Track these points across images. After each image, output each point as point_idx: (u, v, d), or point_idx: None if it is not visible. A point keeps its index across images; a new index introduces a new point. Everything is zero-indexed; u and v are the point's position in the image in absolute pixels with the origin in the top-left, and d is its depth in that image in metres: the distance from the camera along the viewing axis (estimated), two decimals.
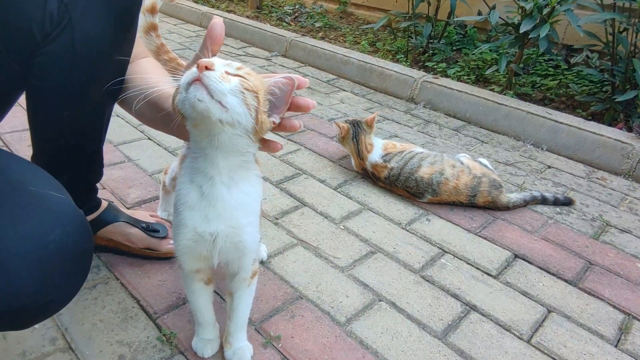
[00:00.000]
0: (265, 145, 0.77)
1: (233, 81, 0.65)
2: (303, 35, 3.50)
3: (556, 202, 1.70)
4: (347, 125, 1.73)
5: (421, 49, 3.18)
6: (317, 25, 3.89)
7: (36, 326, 0.99)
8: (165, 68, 0.98)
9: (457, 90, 2.52)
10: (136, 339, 0.99)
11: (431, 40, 3.14)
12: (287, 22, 3.96)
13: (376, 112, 1.83)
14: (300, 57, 3.25)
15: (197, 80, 0.63)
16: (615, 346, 1.11)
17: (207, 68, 0.63)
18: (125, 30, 0.84)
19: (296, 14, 4.21)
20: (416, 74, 2.71)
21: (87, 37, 0.76)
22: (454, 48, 3.31)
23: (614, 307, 1.24)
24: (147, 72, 0.91)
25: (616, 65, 2.31)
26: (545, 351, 1.07)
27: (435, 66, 2.93)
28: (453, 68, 2.87)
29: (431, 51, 3.11)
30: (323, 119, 2.31)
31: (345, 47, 3.30)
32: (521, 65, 2.61)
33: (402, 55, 3.13)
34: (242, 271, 0.86)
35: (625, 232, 1.60)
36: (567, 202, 1.72)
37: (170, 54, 1.01)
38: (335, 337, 1.05)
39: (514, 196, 1.64)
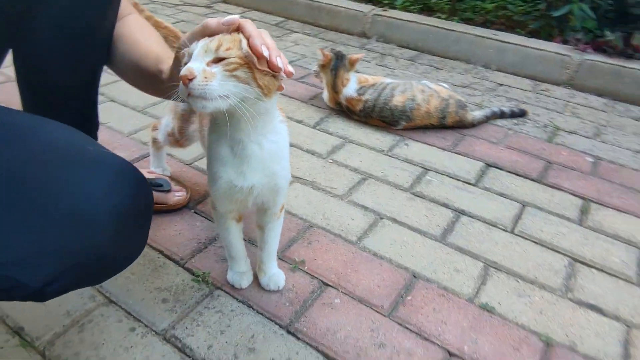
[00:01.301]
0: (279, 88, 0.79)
1: (217, 74, 0.66)
2: None
3: (512, 115, 1.88)
4: (331, 55, 1.77)
5: None
6: None
7: None
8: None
9: (407, 20, 2.59)
10: (172, 283, 1.04)
11: None
12: None
13: (362, 54, 1.86)
14: (244, 2, 3.15)
15: (189, 93, 0.66)
16: (580, 224, 1.32)
17: (189, 80, 0.65)
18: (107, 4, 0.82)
19: None
20: (365, 8, 2.73)
21: (74, 7, 0.75)
22: None
23: (574, 194, 1.44)
24: (134, 33, 0.90)
25: None
26: (527, 237, 1.26)
27: None
28: None
29: None
30: None
31: None
32: None
33: None
34: (273, 207, 0.92)
35: (573, 133, 1.81)
36: (521, 114, 1.90)
37: (145, 12, 1.02)
38: (352, 253, 1.16)
39: (477, 113, 1.79)
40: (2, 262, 0.55)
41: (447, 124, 1.74)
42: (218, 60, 0.67)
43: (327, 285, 1.07)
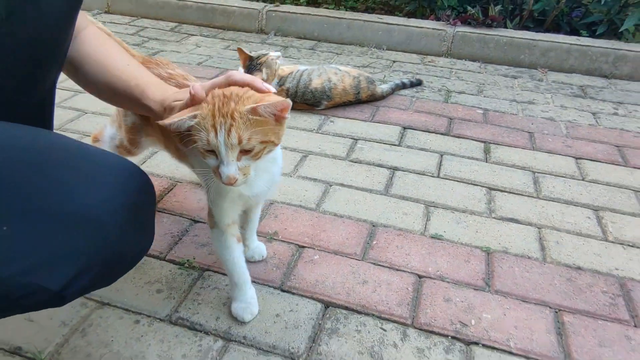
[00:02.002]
0: None
1: (251, 165, 0.75)
2: None
3: (412, 85, 2.15)
4: (247, 56, 1.84)
5: None
6: None
7: None
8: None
9: (300, 13, 2.76)
10: (160, 275, 1.08)
11: None
12: None
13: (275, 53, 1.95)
14: (129, 10, 3.05)
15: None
16: (486, 161, 1.61)
17: (231, 183, 0.73)
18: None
19: None
20: (258, 5, 2.85)
21: (53, 13, 0.70)
22: None
23: (476, 140, 1.74)
24: (101, 52, 0.87)
25: None
26: (451, 178, 1.50)
27: None
28: None
29: None
30: (191, 65, 2.33)
31: None
32: None
33: None
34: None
35: (462, 93, 2.14)
36: (418, 83, 2.18)
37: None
38: (316, 217, 1.29)
39: (384, 87, 2.03)
40: (22, 270, 0.55)
41: (362, 99, 1.95)
42: (243, 151, 0.73)
43: (303, 247, 1.19)
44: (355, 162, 1.57)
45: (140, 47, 2.53)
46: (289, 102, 0.72)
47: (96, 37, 0.90)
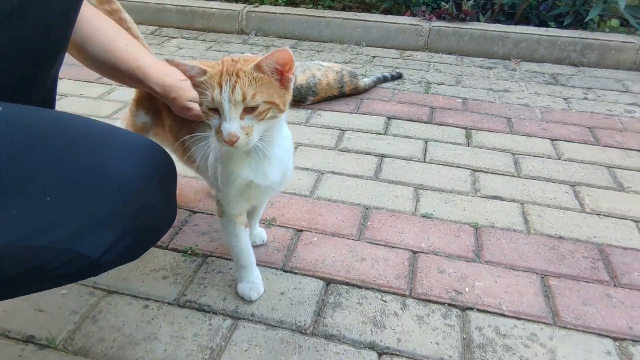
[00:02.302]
0: None
1: (254, 125, 0.74)
2: None
3: (393, 78, 2.22)
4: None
5: None
6: None
7: (64, 290, 1.01)
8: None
9: (279, 13, 2.81)
10: (165, 263, 1.11)
11: None
12: None
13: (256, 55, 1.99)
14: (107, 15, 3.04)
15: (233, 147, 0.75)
16: (468, 146, 1.68)
17: (233, 142, 0.73)
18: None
19: None
20: (238, 6, 2.88)
21: (62, 11, 0.73)
22: None
23: (457, 127, 1.82)
24: (101, 32, 0.90)
25: None
26: (436, 162, 1.57)
27: None
28: None
29: None
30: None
31: None
32: None
33: None
34: None
35: (441, 84, 2.22)
36: (399, 76, 2.26)
37: (114, 4, 1.02)
38: (311, 203, 1.34)
39: (367, 80, 2.09)
40: (62, 238, 0.58)
41: (346, 92, 2.01)
42: (247, 109, 0.73)
43: (301, 230, 1.23)
44: (344, 151, 1.62)
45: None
46: (290, 53, 0.71)
47: (94, 17, 0.92)
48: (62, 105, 1.84)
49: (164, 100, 0.97)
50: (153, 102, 1.08)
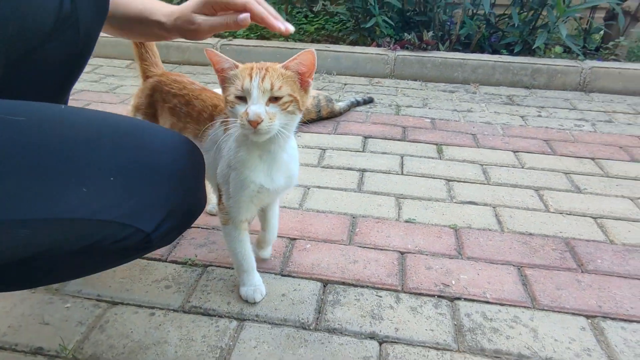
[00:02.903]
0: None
1: (277, 114, 0.81)
2: None
3: (365, 102, 2.37)
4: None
5: None
6: None
7: (68, 304, 1.03)
8: None
9: (253, 46, 2.94)
10: (166, 274, 1.14)
11: None
12: None
13: None
14: None
15: (254, 131, 0.80)
16: (440, 159, 1.81)
17: (257, 124, 0.79)
18: (104, 20, 0.87)
19: None
20: (212, 40, 3.00)
21: (87, 32, 0.81)
22: None
23: (429, 143, 1.95)
24: None
25: (354, 4, 3.11)
26: (413, 174, 1.69)
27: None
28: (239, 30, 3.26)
29: None
30: None
31: None
32: (287, 17, 3.20)
33: None
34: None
35: (409, 107, 2.38)
36: (370, 100, 2.40)
37: None
38: (301, 215, 1.41)
39: (341, 104, 2.22)
40: (123, 212, 0.65)
41: (323, 116, 2.12)
42: (273, 99, 0.81)
43: (295, 239, 1.29)
44: (327, 168, 1.72)
45: (99, 83, 2.57)
46: (314, 55, 0.81)
47: None
48: None
49: (171, 32, 0.93)
50: (151, 107, 1.14)
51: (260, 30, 3.32)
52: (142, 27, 0.96)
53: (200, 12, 0.87)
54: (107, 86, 2.54)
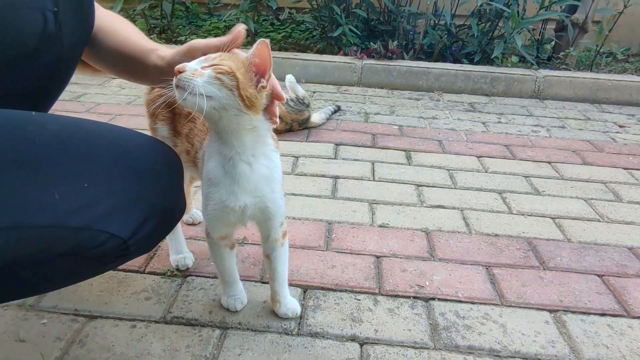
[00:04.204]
0: (270, 111, 0.82)
1: (206, 73, 0.72)
2: None
3: (335, 112, 2.42)
4: None
5: (160, 28, 3.40)
6: None
7: (44, 320, 1.00)
8: None
9: None
10: (145, 285, 1.13)
11: (163, 19, 3.38)
12: None
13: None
14: None
15: (176, 85, 0.72)
16: (409, 165, 1.88)
17: (179, 71, 0.71)
18: (90, 33, 0.87)
19: None
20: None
21: (71, 49, 0.80)
22: (187, 22, 3.65)
23: (397, 149, 2.02)
24: (111, 24, 0.92)
25: (321, 13, 3.17)
26: (384, 180, 1.74)
27: (187, 39, 3.24)
28: (203, 38, 3.25)
29: (175, 28, 3.38)
30: (121, 104, 2.37)
31: None
32: (255, 25, 3.22)
33: (152, 35, 3.29)
34: (272, 232, 0.98)
35: (378, 114, 2.45)
36: (338, 109, 2.45)
37: None
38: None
39: (315, 115, 2.26)
40: (95, 217, 0.64)
41: (293, 129, 2.15)
42: (212, 66, 0.74)
43: None
44: (301, 175, 1.75)
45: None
46: (267, 46, 0.75)
47: (102, 12, 0.94)
48: None
49: (166, 73, 0.90)
50: (170, 111, 1.06)
51: None
52: (132, 67, 0.91)
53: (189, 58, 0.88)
54: (71, 94, 2.47)
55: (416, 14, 3.12)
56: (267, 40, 0.75)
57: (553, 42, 3.35)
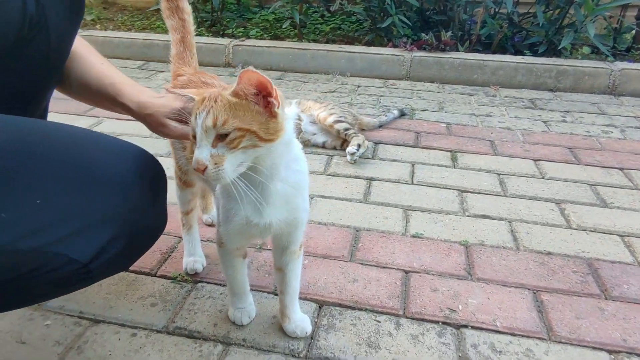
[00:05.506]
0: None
1: (226, 155, 0.68)
2: (83, 29, 3.28)
3: (398, 117, 2.26)
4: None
5: (210, 22, 3.40)
6: (88, 18, 3.66)
7: (48, 321, 0.98)
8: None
9: (265, 47, 2.88)
10: (153, 290, 1.08)
11: (214, 12, 3.38)
12: None
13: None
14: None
15: (204, 178, 0.70)
16: (454, 167, 1.71)
17: (202, 171, 0.68)
18: (79, 23, 0.84)
19: None
20: (224, 41, 2.95)
21: (60, 36, 0.76)
22: (238, 15, 3.63)
23: (442, 150, 1.85)
24: (85, 53, 0.90)
25: (371, 3, 3.01)
26: (424, 184, 1.59)
27: (235, 32, 3.22)
28: (252, 30, 3.21)
29: (225, 21, 3.36)
30: None
31: (136, 32, 3.27)
32: (301, 16, 3.12)
33: (200, 29, 3.30)
34: (292, 244, 0.89)
35: (425, 110, 2.28)
36: (403, 114, 2.26)
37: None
38: None
39: (379, 120, 2.13)
40: (51, 239, 0.57)
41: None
42: (221, 136, 0.68)
43: None
44: (333, 176, 1.64)
45: None
46: (256, 72, 0.66)
47: (79, 40, 0.91)
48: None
49: (138, 119, 0.92)
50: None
51: (273, 30, 3.27)
52: (102, 101, 0.90)
53: (180, 118, 0.84)
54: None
55: (474, 2, 2.88)
56: (252, 68, 0.67)
57: (634, 32, 2.96)
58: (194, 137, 0.70)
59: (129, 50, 3.02)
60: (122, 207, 0.65)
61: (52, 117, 1.75)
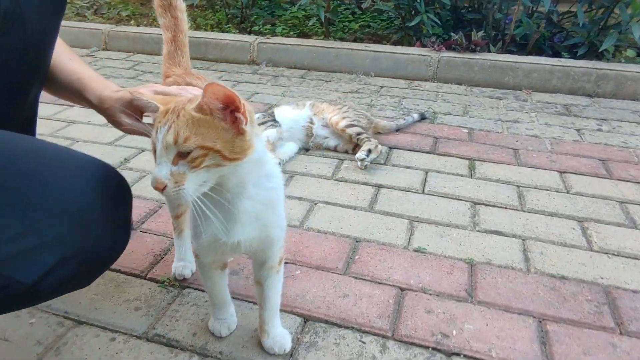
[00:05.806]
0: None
1: (187, 173, 0.64)
2: (118, 25, 3.37)
3: (423, 118, 2.19)
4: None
5: (239, 18, 3.41)
6: (124, 14, 3.75)
7: (33, 319, 0.99)
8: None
9: (290, 44, 2.85)
10: (140, 293, 1.07)
11: (244, 9, 3.38)
12: (88, 16, 3.71)
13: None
14: (126, 47, 3.16)
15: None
16: (471, 177, 1.62)
17: (162, 190, 0.64)
18: (61, 17, 0.84)
19: (95, 7, 3.95)
20: (249, 38, 2.94)
21: (39, 28, 0.75)
22: (268, 12, 3.62)
23: (460, 157, 1.75)
24: (62, 57, 0.91)
25: (401, 0, 2.91)
26: (435, 194, 1.51)
27: (261, 29, 3.20)
28: (278, 27, 3.19)
29: (253, 18, 3.36)
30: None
31: None
32: (328, 14, 3.06)
33: (228, 25, 3.31)
34: (270, 260, 0.85)
35: (447, 114, 2.18)
36: (423, 117, 2.18)
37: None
38: (299, 234, 1.29)
39: (389, 123, 2.06)
40: None
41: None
42: (182, 154, 0.64)
43: (285, 263, 1.18)
44: (340, 181, 1.58)
45: (135, 80, 2.60)
46: (222, 86, 0.61)
47: (59, 46, 0.92)
48: (70, 131, 1.87)
49: (99, 112, 0.90)
50: None
51: (301, 27, 3.23)
52: (69, 95, 0.93)
53: (128, 112, 0.83)
54: (141, 83, 2.55)
55: (510, 0, 2.73)
56: (217, 81, 0.62)
57: None
58: (155, 151, 0.66)
59: (158, 46, 3.05)
60: (74, 232, 0.63)
61: (70, 111, 1.77)
